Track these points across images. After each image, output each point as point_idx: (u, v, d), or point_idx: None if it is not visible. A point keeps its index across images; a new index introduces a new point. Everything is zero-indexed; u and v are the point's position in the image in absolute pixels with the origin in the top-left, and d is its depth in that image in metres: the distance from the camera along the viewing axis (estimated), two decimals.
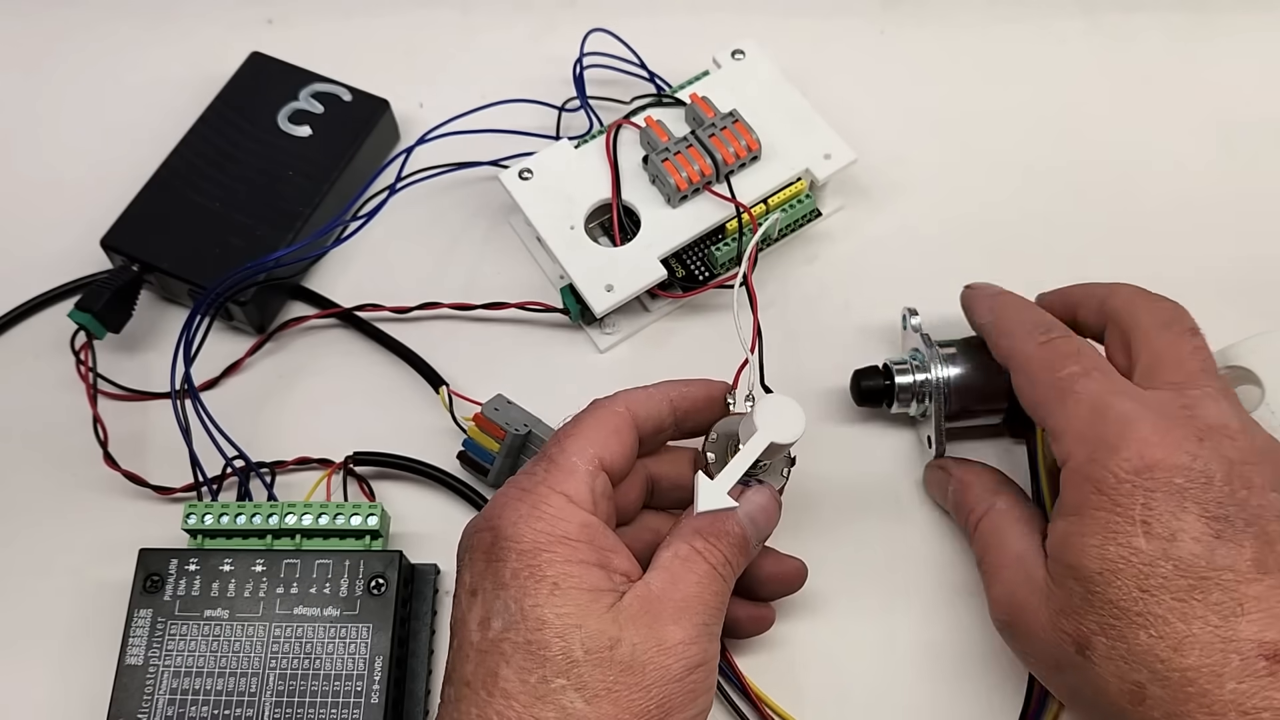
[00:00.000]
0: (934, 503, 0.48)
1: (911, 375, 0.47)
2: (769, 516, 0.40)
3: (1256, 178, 0.57)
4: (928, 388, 0.46)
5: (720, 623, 0.37)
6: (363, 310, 0.53)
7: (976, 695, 0.45)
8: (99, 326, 0.50)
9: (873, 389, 0.47)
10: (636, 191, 0.52)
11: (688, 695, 0.34)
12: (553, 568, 0.34)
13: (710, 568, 0.36)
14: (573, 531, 0.35)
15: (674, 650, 0.34)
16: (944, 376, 0.46)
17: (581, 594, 0.34)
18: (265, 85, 0.56)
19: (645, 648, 0.33)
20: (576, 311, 0.51)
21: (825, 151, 0.53)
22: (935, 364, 0.46)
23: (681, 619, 0.35)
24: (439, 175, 0.55)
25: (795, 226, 0.54)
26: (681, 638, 0.34)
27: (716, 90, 0.54)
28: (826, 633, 0.46)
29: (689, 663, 0.34)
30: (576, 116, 0.57)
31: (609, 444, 0.38)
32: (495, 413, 0.48)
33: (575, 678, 0.33)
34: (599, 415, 0.39)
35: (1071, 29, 0.62)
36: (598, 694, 0.32)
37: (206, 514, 0.46)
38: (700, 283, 0.52)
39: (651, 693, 0.33)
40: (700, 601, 0.35)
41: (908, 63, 0.61)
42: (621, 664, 0.33)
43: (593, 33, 0.57)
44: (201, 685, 0.42)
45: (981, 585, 0.42)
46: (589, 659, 0.33)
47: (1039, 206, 0.56)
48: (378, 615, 0.43)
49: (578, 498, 0.36)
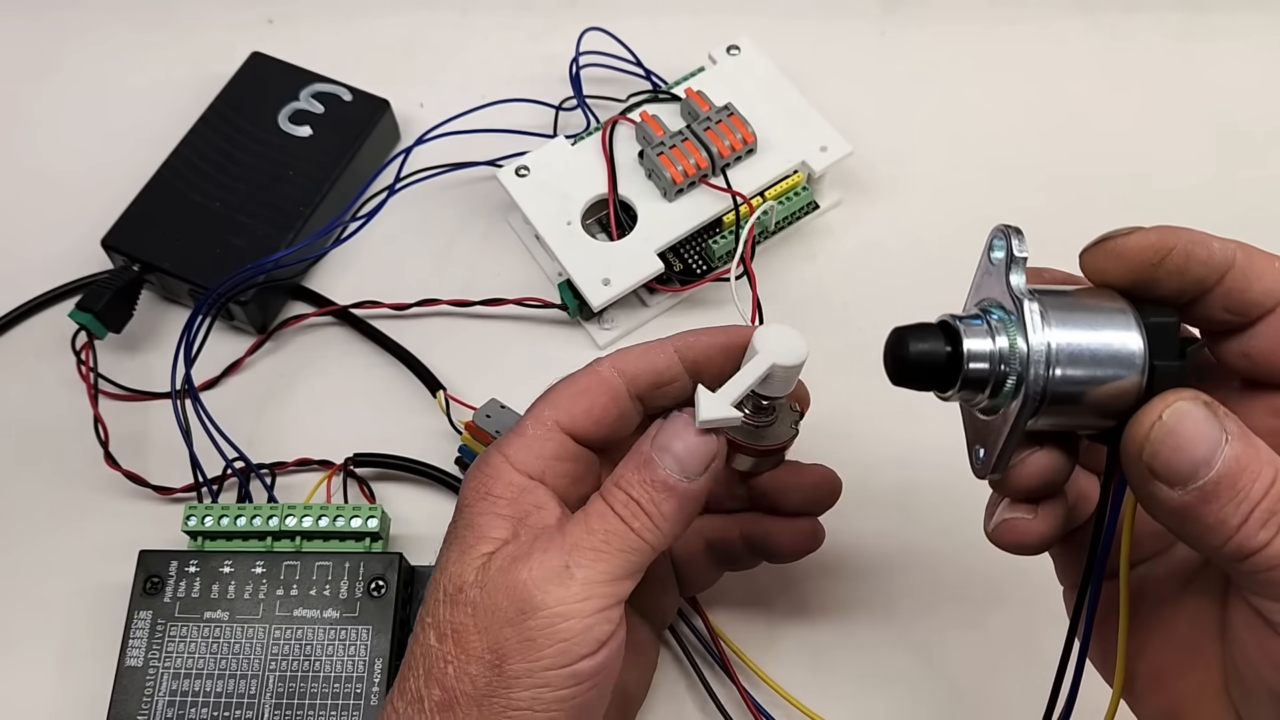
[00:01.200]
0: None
1: (990, 340, 0.29)
2: (686, 442, 0.34)
3: (1256, 177, 0.56)
4: (1014, 364, 0.29)
5: (604, 567, 0.33)
6: (361, 307, 0.53)
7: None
8: (100, 326, 0.50)
9: (926, 358, 0.30)
10: (633, 186, 0.52)
11: (524, 643, 0.32)
12: (463, 518, 0.35)
13: (605, 506, 0.33)
14: (496, 489, 0.35)
15: (515, 591, 0.32)
16: (1052, 345, 0.28)
17: (469, 540, 0.34)
18: (265, 85, 0.56)
19: (493, 590, 0.32)
20: (575, 307, 0.51)
21: (821, 144, 0.52)
22: (1035, 322, 0.29)
23: (539, 561, 0.32)
24: (437, 175, 0.55)
25: (792, 219, 0.54)
26: (525, 579, 0.32)
27: (712, 85, 0.53)
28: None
29: (523, 605, 0.32)
30: (574, 116, 0.57)
31: (573, 405, 0.36)
32: (487, 420, 0.47)
33: (435, 617, 0.33)
34: (573, 377, 0.37)
35: (1071, 29, 0.62)
36: (444, 634, 0.33)
37: (206, 516, 0.45)
38: (698, 276, 0.52)
39: (487, 635, 0.32)
40: (569, 543, 0.33)
41: (908, 63, 0.61)
42: (470, 605, 0.33)
43: (589, 32, 0.57)
44: (201, 687, 0.42)
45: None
46: (445, 600, 0.33)
47: (1039, 206, 0.55)
48: (378, 617, 0.43)
49: (515, 459, 0.35)
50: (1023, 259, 0.29)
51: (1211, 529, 0.27)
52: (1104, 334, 0.29)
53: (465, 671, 0.32)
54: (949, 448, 0.35)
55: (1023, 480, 0.31)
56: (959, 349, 0.29)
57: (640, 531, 0.33)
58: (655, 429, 0.34)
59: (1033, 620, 0.45)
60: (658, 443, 0.34)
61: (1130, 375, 0.29)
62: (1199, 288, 0.29)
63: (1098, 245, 0.30)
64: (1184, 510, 0.27)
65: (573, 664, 0.32)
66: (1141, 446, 0.28)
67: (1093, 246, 0.30)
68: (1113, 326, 0.29)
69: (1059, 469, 0.31)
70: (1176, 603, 0.33)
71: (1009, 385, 0.29)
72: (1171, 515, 0.28)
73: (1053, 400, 0.29)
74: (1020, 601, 0.45)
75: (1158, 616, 0.33)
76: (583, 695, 0.32)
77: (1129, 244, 0.30)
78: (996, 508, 0.32)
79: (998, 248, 0.31)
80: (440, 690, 0.32)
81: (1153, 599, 0.33)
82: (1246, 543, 0.27)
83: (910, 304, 0.48)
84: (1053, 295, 0.29)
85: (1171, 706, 0.32)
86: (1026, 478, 0.31)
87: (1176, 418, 0.27)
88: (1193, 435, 0.27)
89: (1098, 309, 0.29)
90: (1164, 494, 0.27)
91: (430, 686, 0.32)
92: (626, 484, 0.33)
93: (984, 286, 0.31)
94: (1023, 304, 0.29)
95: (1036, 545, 0.32)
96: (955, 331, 0.30)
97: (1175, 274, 0.29)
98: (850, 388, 0.46)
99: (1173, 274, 0.29)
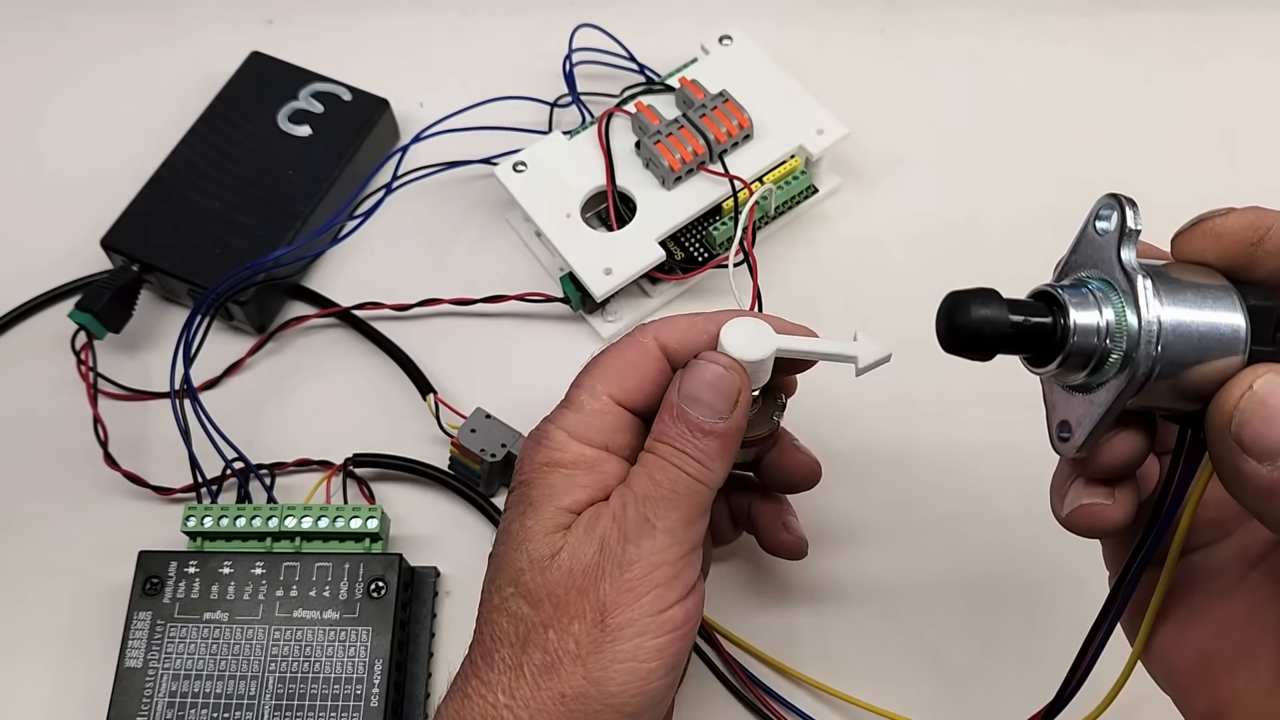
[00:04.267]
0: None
1: (1098, 312, 0.28)
2: (709, 386, 0.35)
3: (1256, 177, 0.55)
4: (1121, 341, 0.27)
5: (676, 514, 0.34)
6: (362, 309, 0.52)
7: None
8: (99, 326, 0.49)
9: (988, 324, 0.28)
10: (631, 176, 0.51)
11: (626, 594, 0.33)
12: (536, 490, 0.35)
13: (659, 459, 0.34)
14: (566, 460, 0.35)
15: (609, 549, 0.33)
16: (1164, 322, 0.27)
17: (549, 510, 0.34)
18: (265, 85, 0.55)
19: (585, 550, 0.33)
20: (578, 300, 0.50)
21: (818, 128, 0.52)
22: (1148, 299, 0.27)
23: (620, 517, 0.34)
24: (435, 174, 0.54)
25: (792, 204, 0.53)
26: (615, 535, 0.33)
27: (706, 75, 0.53)
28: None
29: (618, 559, 0.33)
30: (569, 112, 0.56)
31: (624, 378, 0.37)
32: (472, 435, 0.46)
33: (521, 584, 0.34)
34: (619, 348, 0.37)
35: (1071, 29, 0.60)
36: (540, 599, 0.33)
37: (206, 516, 0.44)
38: (700, 264, 0.51)
39: (588, 595, 0.33)
40: (642, 496, 0.34)
41: (909, 62, 0.60)
42: (562, 569, 0.33)
43: (581, 28, 0.56)
44: (201, 688, 0.41)
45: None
46: (533, 566, 0.34)
47: (1038, 205, 0.55)
48: (377, 618, 0.42)
49: (578, 432, 0.36)
50: (1136, 232, 0.28)
51: None
52: (1210, 314, 0.27)
53: (568, 631, 0.33)
54: (949, 424, 0.35)
55: (1109, 460, 0.30)
56: (1065, 321, 0.28)
57: (697, 475, 0.34)
58: (679, 380, 0.35)
59: (1034, 620, 0.45)
60: (684, 394, 0.35)
61: (1233, 356, 0.27)
62: None
63: (1195, 226, 0.29)
64: (1273, 487, 0.26)
65: (668, 609, 0.33)
66: (1231, 416, 0.26)
67: (1189, 228, 0.29)
68: (1218, 307, 0.28)
69: (1142, 450, 0.30)
70: (1231, 594, 0.31)
71: (1113, 360, 0.28)
72: (1259, 493, 0.26)
73: (1156, 379, 0.27)
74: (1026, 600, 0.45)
75: (1210, 607, 0.32)
76: (678, 642, 0.33)
77: (1228, 224, 0.28)
78: (1068, 490, 0.31)
79: (1105, 217, 0.29)
80: (541, 654, 0.33)
81: (1205, 588, 0.32)
82: None
83: (909, 291, 0.48)
84: (1156, 270, 0.28)
85: (1218, 701, 0.31)
86: (1113, 458, 0.29)
87: (1269, 388, 0.26)
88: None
89: (1203, 288, 0.28)
90: (1251, 469, 0.26)
91: (529, 652, 0.33)
92: (669, 437, 0.35)
93: (1082, 255, 0.29)
94: (1135, 279, 0.27)
95: (1113, 529, 0.31)
96: (1060, 303, 0.28)
97: (1273, 254, 0.28)
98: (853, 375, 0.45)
99: (1271, 254, 0.28)
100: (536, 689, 0.32)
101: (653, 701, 0.33)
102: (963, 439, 0.49)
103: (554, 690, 0.32)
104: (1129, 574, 0.31)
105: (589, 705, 0.32)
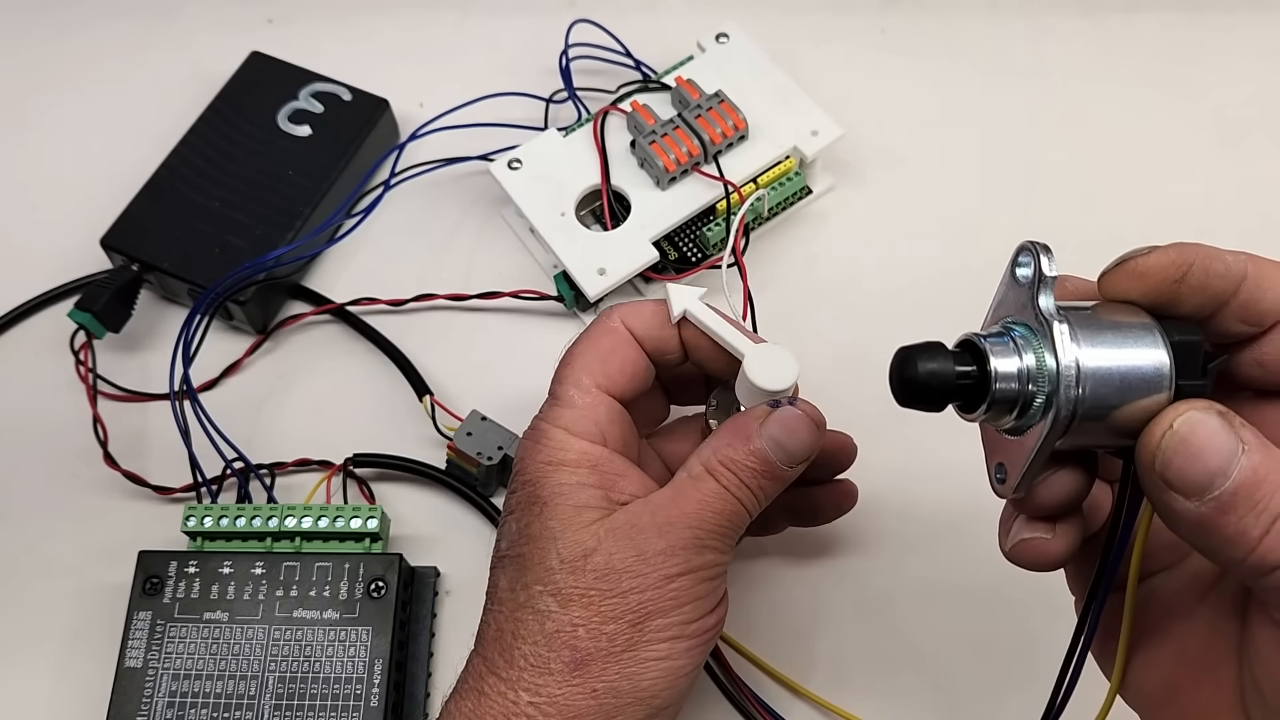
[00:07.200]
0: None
1: (1017, 358, 0.28)
2: (798, 437, 0.35)
3: (1256, 177, 0.54)
4: (1043, 384, 0.28)
5: (724, 539, 0.35)
6: (358, 304, 0.51)
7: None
8: (99, 326, 0.48)
9: (935, 378, 0.28)
10: (625, 176, 0.50)
11: (669, 602, 0.34)
12: (546, 489, 0.35)
13: (721, 488, 0.34)
14: (570, 458, 0.35)
15: (653, 560, 0.33)
16: (1081, 364, 0.27)
17: (567, 509, 0.34)
18: (265, 85, 0.54)
19: (622, 557, 0.33)
20: (571, 298, 0.49)
21: (812, 128, 0.51)
22: (1064, 343, 0.27)
23: (669, 532, 0.34)
24: (431, 171, 0.53)
25: (786, 205, 0.52)
26: (662, 548, 0.33)
27: (702, 73, 0.51)
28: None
29: (667, 571, 0.33)
30: (565, 109, 0.54)
31: (607, 367, 0.37)
32: (468, 439, 0.45)
33: (551, 584, 0.34)
34: (594, 337, 0.37)
35: (1071, 29, 0.59)
36: (570, 598, 0.33)
37: (206, 516, 0.43)
38: (693, 264, 0.50)
39: (628, 599, 0.33)
40: (697, 518, 0.34)
41: (909, 61, 0.58)
42: (596, 571, 0.33)
43: (578, 24, 0.55)
44: (201, 688, 0.41)
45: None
46: (564, 567, 0.34)
47: (1038, 205, 0.54)
48: (377, 618, 0.42)
49: (576, 429, 0.36)
50: (1052, 279, 0.28)
51: (1232, 541, 0.26)
52: (1131, 352, 0.27)
53: (601, 631, 0.33)
54: (947, 437, 0.34)
55: (1045, 500, 0.30)
56: (986, 369, 0.28)
57: (750, 508, 0.35)
58: (763, 416, 0.35)
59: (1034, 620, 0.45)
60: (769, 433, 0.35)
61: (1158, 394, 0.27)
62: (1218, 301, 0.28)
63: (1118, 267, 0.29)
64: (1202, 522, 0.26)
65: (703, 617, 0.34)
66: (1154, 456, 0.26)
67: (1113, 269, 0.29)
68: (1140, 345, 0.28)
69: (1080, 488, 0.30)
70: (1190, 616, 0.31)
71: (1037, 404, 0.28)
72: (1190, 528, 0.26)
73: (1081, 419, 0.27)
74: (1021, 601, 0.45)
75: (1171, 629, 0.32)
76: (709, 643, 0.35)
77: (1149, 263, 0.28)
78: (1012, 525, 0.31)
79: (1024, 264, 0.29)
80: (570, 651, 0.33)
81: (1166, 611, 0.32)
82: (1269, 556, 0.25)
83: (904, 291, 0.48)
84: (1079, 312, 0.28)
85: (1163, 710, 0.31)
86: (1049, 497, 0.30)
87: (1189, 426, 0.26)
88: (1206, 444, 0.26)
89: (1124, 326, 0.28)
90: (1181, 505, 0.26)
91: (557, 649, 0.33)
92: (737, 468, 0.35)
93: (1007, 302, 0.30)
94: (1051, 324, 0.27)
95: (1054, 563, 0.31)
96: (981, 351, 0.28)
97: (1197, 290, 0.28)
98: (849, 380, 0.44)
99: (1194, 290, 0.28)
100: (566, 684, 0.33)
101: (680, 694, 0.35)
102: (964, 439, 0.48)
103: (585, 686, 0.33)
104: (1091, 604, 0.31)
105: (620, 699, 0.33)
